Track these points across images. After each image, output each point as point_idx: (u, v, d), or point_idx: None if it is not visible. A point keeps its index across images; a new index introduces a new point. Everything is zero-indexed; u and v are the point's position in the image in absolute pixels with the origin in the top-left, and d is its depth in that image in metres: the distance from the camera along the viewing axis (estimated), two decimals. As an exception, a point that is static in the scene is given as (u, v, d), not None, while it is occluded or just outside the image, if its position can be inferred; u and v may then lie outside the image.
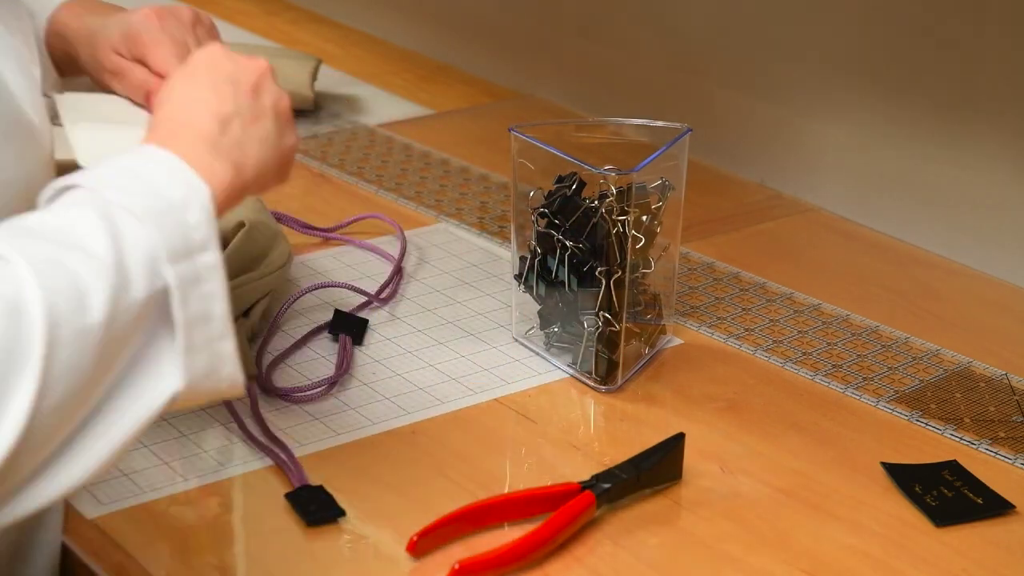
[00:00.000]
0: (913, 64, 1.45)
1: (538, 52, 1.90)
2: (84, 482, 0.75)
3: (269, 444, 1.08)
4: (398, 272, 1.35)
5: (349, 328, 1.23)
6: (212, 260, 0.78)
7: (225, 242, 1.23)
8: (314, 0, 2.27)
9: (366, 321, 1.25)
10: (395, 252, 1.39)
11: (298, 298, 1.27)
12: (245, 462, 1.07)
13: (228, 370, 0.79)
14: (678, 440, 1.06)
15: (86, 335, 0.72)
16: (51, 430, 0.72)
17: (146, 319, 0.76)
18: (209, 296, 0.78)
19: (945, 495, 1.05)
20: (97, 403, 0.75)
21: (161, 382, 0.77)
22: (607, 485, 1.02)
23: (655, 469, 1.05)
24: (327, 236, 1.43)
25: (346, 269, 1.37)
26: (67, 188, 0.78)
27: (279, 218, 1.40)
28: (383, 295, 1.31)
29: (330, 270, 1.37)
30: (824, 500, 1.05)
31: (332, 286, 1.31)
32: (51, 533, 0.98)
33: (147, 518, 1.01)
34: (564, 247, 1.17)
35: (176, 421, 1.11)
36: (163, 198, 0.77)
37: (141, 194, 0.77)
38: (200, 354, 0.77)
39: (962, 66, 1.40)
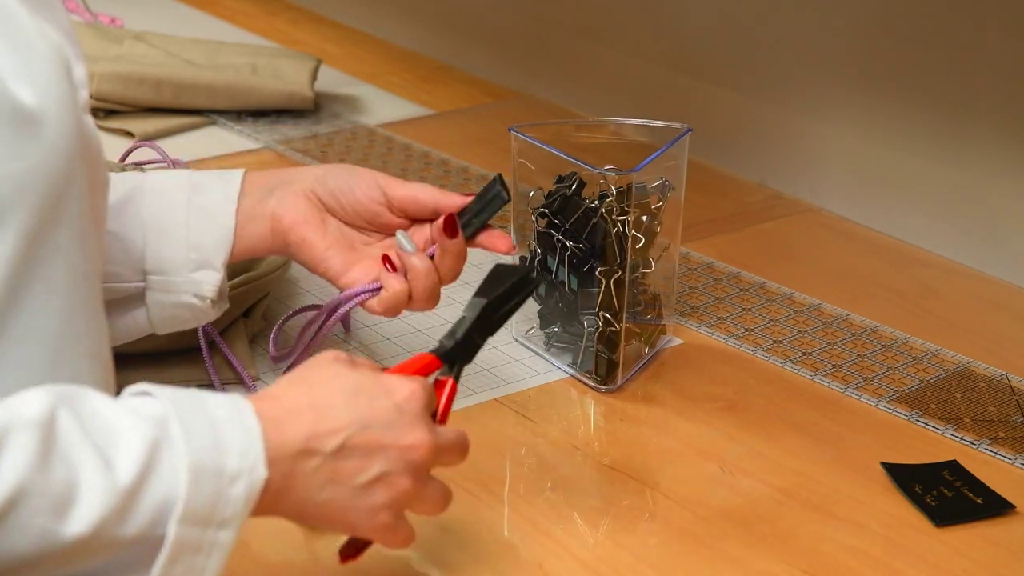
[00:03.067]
0: (913, 64, 1.45)
1: (538, 52, 1.90)
2: None
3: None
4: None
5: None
6: (226, 539, 0.75)
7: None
8: (314, 0, 2.27)
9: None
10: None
11: (290, 317, 1.27)
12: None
13: None
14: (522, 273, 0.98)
15: (51, 538, 0.69)
16: None
17: (124, 553, 0.72)
18: (199, 569, 0.74)
19: (945, 495, 1.05)
20: None
21: None
22: (450, 344, 0.94)
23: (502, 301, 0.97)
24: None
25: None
26: (147, 394, 0.76)
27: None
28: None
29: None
30: (824, 500, 1.05)
31: (309, 310, 1.29)
32: None
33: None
34: (564, 247, 1.17)
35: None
36: (220, 461, 0.74)
37: (202, 445, 0.74)
38: None
39: (962, 66, 1.40)
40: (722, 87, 1.65)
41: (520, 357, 1.23)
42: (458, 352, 0.94)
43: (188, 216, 1.06)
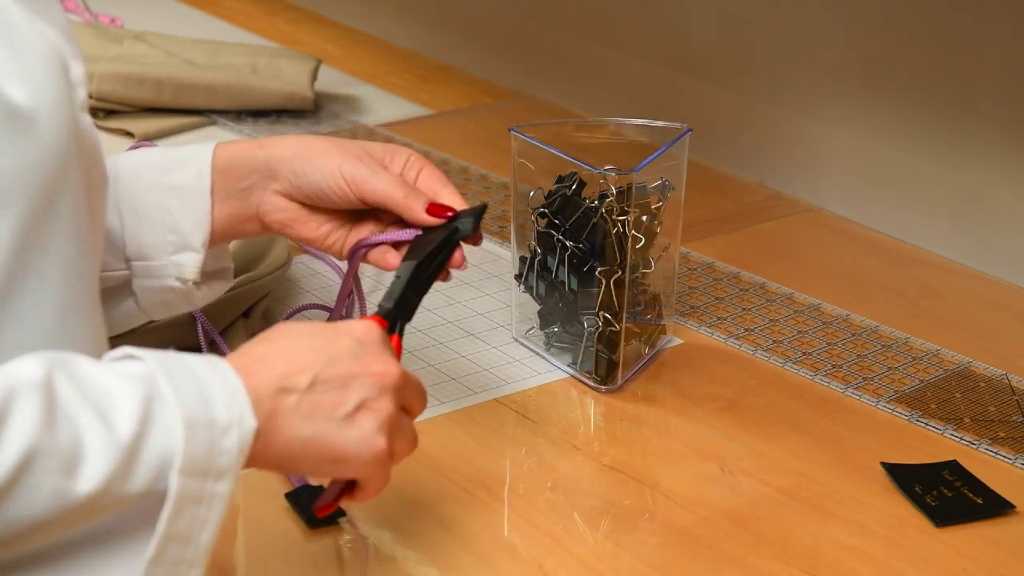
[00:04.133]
0: (913, 64, 1.45)
1: (538, 52, 1.90)
2: None
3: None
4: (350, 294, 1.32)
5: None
6: (224, 490, 0.76)
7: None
8: (314, 0, 2.27)
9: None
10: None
11: (290, 316, 1.27)
12: (245, 462, 1.07)
13: None
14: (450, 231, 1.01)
15: (63, 497, 0.70)
16: None
17: (130, 510, 0.74)
18: (202, 521, 0.75)
19: (945, 495, 1.05)
20: (35, 562, 0.72)
21: None
22: (389, 304, 0.95)
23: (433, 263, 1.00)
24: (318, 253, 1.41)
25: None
26: (131, 357, 0.77)
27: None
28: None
29: (329, 270, 1.37)
30: (824, 500, 1.05)
31: (309, 308, 1.29)
32: None
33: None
34: (564, 247, 1.17)
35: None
36: (210, 413, 0.75)
37: (191, 399, 0.75)
38: (163, 569, 0.75)
39: (962, 66, 1.40)
40: (722, 87, 1.65)
41: (520, 357, 1.23)
42: (398, 311, 0.96)
43: (163, 198, 1.04)
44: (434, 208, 1.03)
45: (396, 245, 1.05)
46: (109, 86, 1.70)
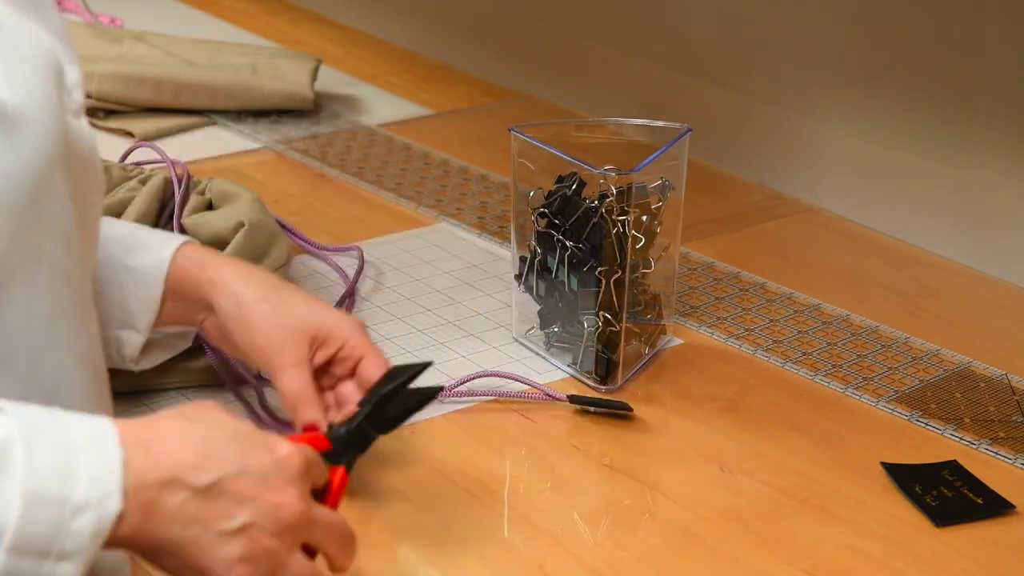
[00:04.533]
0: (913, 64, 1.45)
1: (538, 52, 1.90)
2: None
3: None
4: (350, 294, 1.32)
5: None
6: (66, 573, 0.71)
7: (225, 242, 1.23)
8: (314, 0, 2.27)
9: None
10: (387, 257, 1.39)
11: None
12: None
13: None
14: (415, 371, 0.97)
15: None
16: None
17: None
18: None
19: (945, 495, 1.05)
20: None
21: None
22: (341, 430, 0.93)
23: (394, 405, 0.96)
24: (318, 253, 1.41)
25: (347, 270, 1.37)
26: (1, 411, 0.72)
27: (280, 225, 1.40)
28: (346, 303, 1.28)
29: (329, 270, 1.37)
30: (824, 500, 1.05)
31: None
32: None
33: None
34: (564, 247, 1.17)
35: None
36: (65, 490, 0.71)
37: (45, 471, 0.70)
38: None
39: (962, 66, 1.40)
40: (722, 87, 1.65)
41: (520, 357, 1.23)
42: (351, 440, 0.93)
43: (118, 274, 1.04)
44: (308, 427, 0.99)
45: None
46: (109, 86, 1.70)
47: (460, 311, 1.31)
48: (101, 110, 1.71)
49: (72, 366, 0.81)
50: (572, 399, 1.14)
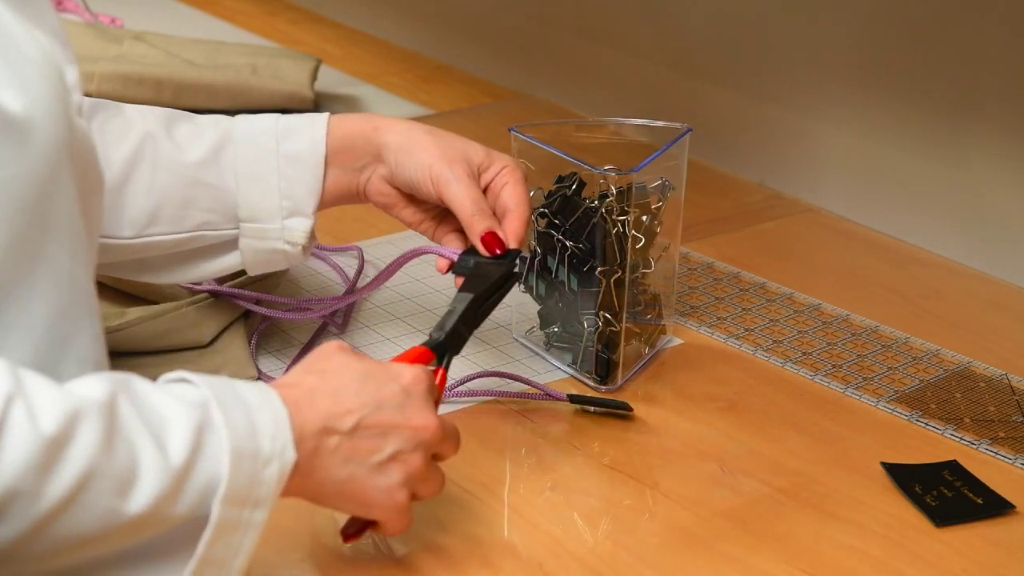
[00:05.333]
0: (913, 64, 1.45)
1: (538, 52, 1.90)
2: None
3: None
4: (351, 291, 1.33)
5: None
6: (259, 519, 0.79)
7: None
8: (314, 0, 2.27)
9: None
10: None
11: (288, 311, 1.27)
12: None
13: None
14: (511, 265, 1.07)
15: (113, 516, 0.73)
16: (15, 566, 0.72)
17: (171, 532, 0.76)
18: (236, 547, 0.79)
19: (945, 495, 1.05)
20: (79, 573, 0.75)
21: None
22: (440, 336, 0.99)
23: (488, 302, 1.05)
24: (318, 253, 1.41)
25: (347, 270, 1.37)
26: (185, 381, 0.80)
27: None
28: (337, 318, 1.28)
29: (329, 270, 1.37)
30: (824, 500, 1.05)
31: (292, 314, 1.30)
32: None
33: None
34: (564, 247, 1.17)
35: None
36: (256, 444, 0.78)
37: (240, 428, 0.78)
38: None
39: (962, 66, 1.40)
40: (722, 87, 1.65)
41: (520, 357, 1.23)
42: (447, 344, 0.99)
43: (279, 164, 1.10)
44: (489, 237, 1.09)
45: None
46: (109, 86, 1.70)
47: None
48: (101, 110, 1.71)
49: (75, 366, 0.82)
50: (572, 399, 1.15)
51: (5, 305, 0.78)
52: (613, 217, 1.14)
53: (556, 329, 1.22)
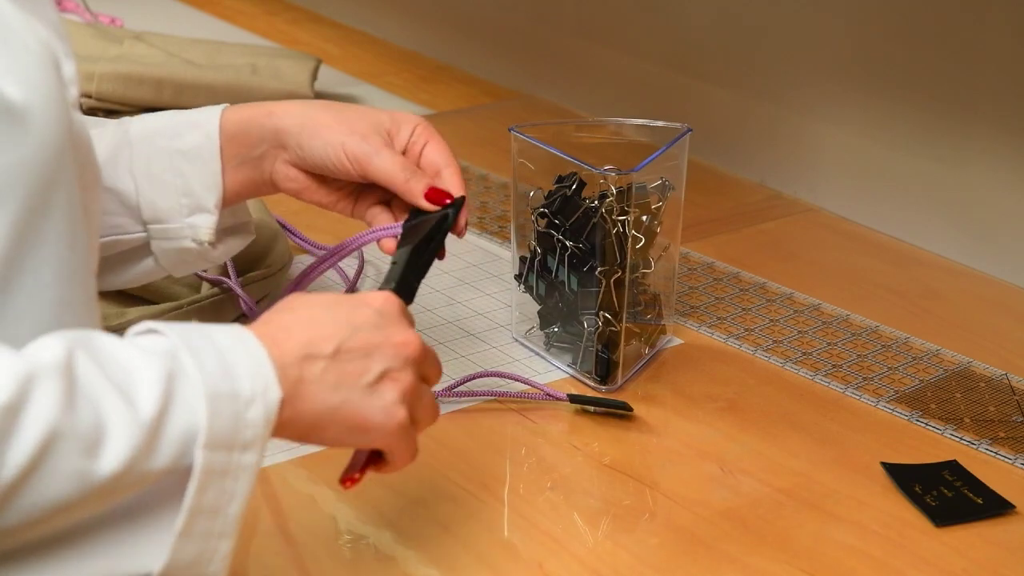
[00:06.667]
0: (913, 64, 1.45)
1: (538, 52, 1.90)
2: None
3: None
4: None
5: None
6: (250, 462, 0.76)
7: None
8: (314, 0, 2.27)
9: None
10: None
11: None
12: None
13: (214, 568, 0.77)
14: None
15: (85, 479, 0.70)
16: None
17: (156, 486, 0.74)
18: (229, 493, 0.76)
19: (945, 495, 1.05)
20: (64, 540, 0.73)
21: (141, 556, 0.75)
22: (392, 285, 0.97)
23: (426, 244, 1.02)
24: (318, 253, 1.41)
25: (347, 270, 1.37)
26: (153, 331, 0.77)
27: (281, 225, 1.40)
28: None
29: (328, 270, 1.37)
30: (824, 500, 1.05)
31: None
32: None
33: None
34: (564, 247, 1.17)
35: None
36: (234, 385, 0.76)
37: (214, 372, 0.75)
38: (194, 543, 0.76)
39: (962, 66, 1.40)
40: (722, 87, 1.65)
41: (520, 357, 1.23)
42: (400, 293, 0.96)
43: (174, 161, 1.06)
44: (432, 193, 1.05)
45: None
46: (109, 86, 1.70)
47: (460, 311, 1.31)
48: (101, 110, 1.71)
49: None
50: (572, 399, 1.14)
51: (12, 293, 0.78)
52: (613, 217, 1.14)
53: (556, 329, 1.22)
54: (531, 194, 1.21)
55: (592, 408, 1.15)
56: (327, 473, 1.05)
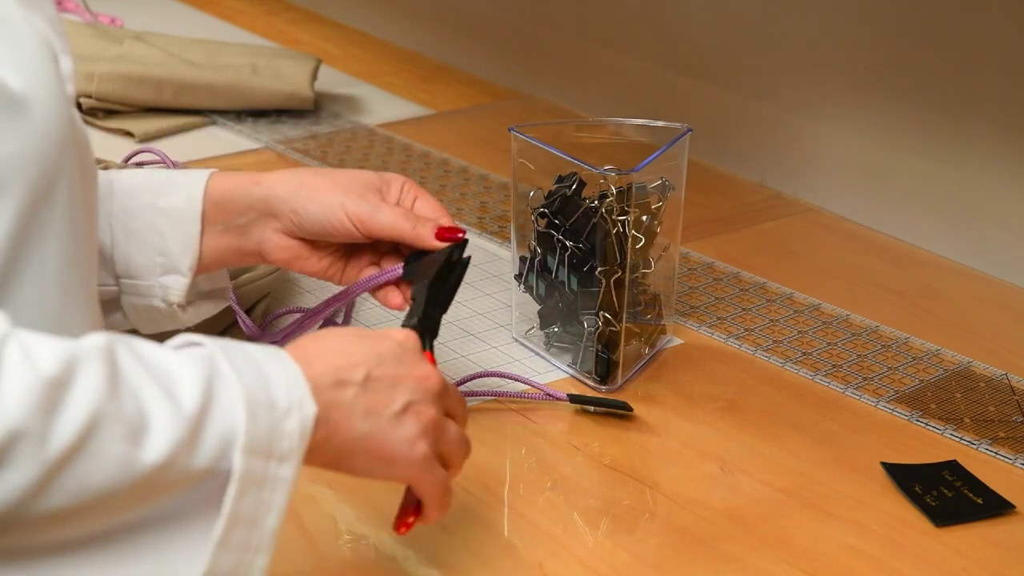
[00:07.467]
0: (913, 64, 1.45)
1: (538, 52, 1.90)
2: None
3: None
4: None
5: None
6: (287, 475, 0.76)
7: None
8: (314, 0, 2.27)
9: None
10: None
11: (280, 315, 1.27)
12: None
13: None
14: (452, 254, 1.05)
15: (129, 466, 0.70)
16: (35, 529, 0.69)
17: (195, 492, 0.74)
18: (266, 505, 0.76)
19: (945, 495, 1.05)
20: (102, 546, 0.73)
21: (179, 564, 0.74)
22: (413, 321, 0.98)
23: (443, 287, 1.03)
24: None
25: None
26: (193, 344, 0.78)
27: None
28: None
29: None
30: (824, 500, 1.05)
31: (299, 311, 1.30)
32: None
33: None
34: (564, 247, 1.17)
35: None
36: (270, 395, 0.76)
37: (252, 380, 0.75)
38: (230, 554, 0.75)
39: (962, 66, 1.40)
40: (722, 87, 1.65)
41: (520, 357, 1.23)
42: (423, 327, 0.97)
43: (155, 219, 1.05)
44: (443, 232, 1.06)
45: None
46: (109, 86, 1.70)
47: (460, 311, 1.31)
48: (101, 110, 1.72)
49: None
50: (572, 399, 1.14)
51: (17, 282, 0.78)
52: (613, 217, 1.14)
53: (556, 329, 1.22)
54: (531, 194, 1.21)
55: (592, 408, 1.15)
56: (327, 473, 1.05)
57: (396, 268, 1.06)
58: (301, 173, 1.07)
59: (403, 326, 0.97)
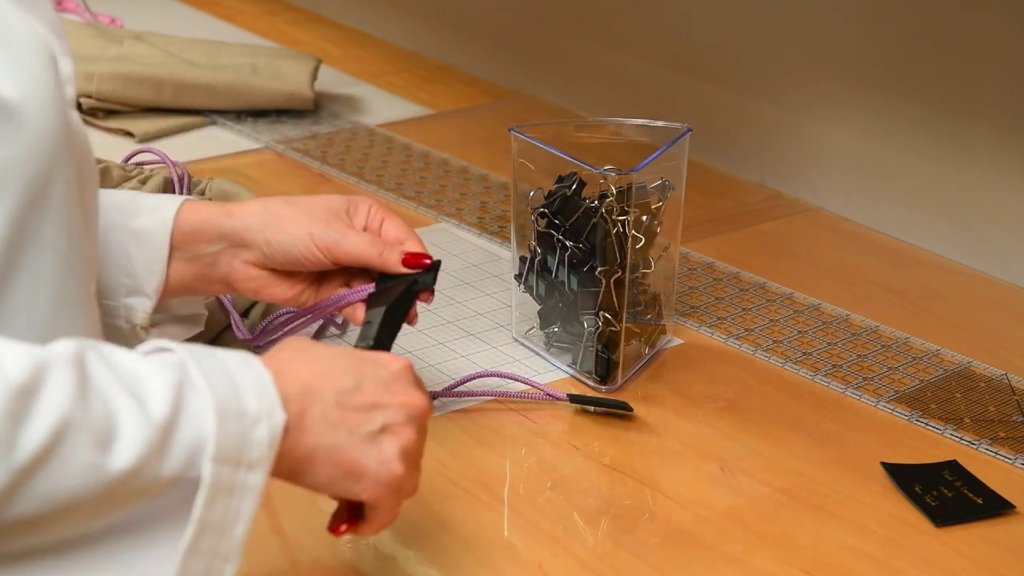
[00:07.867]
0: (913, 64, 1.45)
1: (538, 52, 1.90)
2: None
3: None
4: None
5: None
6: (256, 482, 0.76)
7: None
8: (314, 0, 2.27)
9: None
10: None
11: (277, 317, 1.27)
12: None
13: None
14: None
15: (97, 473, 0.70)
16: (2, 536, 0.69)
17: (164, 499, 0.74)
18: (235, 512, 0.76)
19: (945, 495, 1.05)
20: (69, 554, 0.72)
21: (148, 570, 0.74)
22: (366, 345, 1.00)
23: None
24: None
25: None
26: (164, 350, 0.77)
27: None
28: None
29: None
30: (824, 500, 1.05)
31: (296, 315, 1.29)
32: None
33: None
34: (564, 247, 1.17)
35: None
36: (240, 403, 0.75)
37: (222, 388, 0.75)
38: (199, 561, 0.75)
39: (962, 66, 1.40)
40: (722, 87, 1.65)
41: (520, 357, 1.23)
42: (376, 350, 0.98)
43: (124, 240, 1.05)
44: (410, 258, 1.06)
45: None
46: (109, 86, 1.70)
47: (460, 311, 1.31)
48: (101, 110, 1.72)
49: None
50: (572, 399, 1.14)
51: (10, 288, 0.78)
52: (613, 217, 1.14)
53: (556, 329, 1.22)
54: (531, 194, 1.21)
55: (592, 408, 1.15)
56: (327, 473, 1.05)
57: (365, 288, 1.06)
58: (270, 203, 1.07)
59: (356, 346, 0.98)
